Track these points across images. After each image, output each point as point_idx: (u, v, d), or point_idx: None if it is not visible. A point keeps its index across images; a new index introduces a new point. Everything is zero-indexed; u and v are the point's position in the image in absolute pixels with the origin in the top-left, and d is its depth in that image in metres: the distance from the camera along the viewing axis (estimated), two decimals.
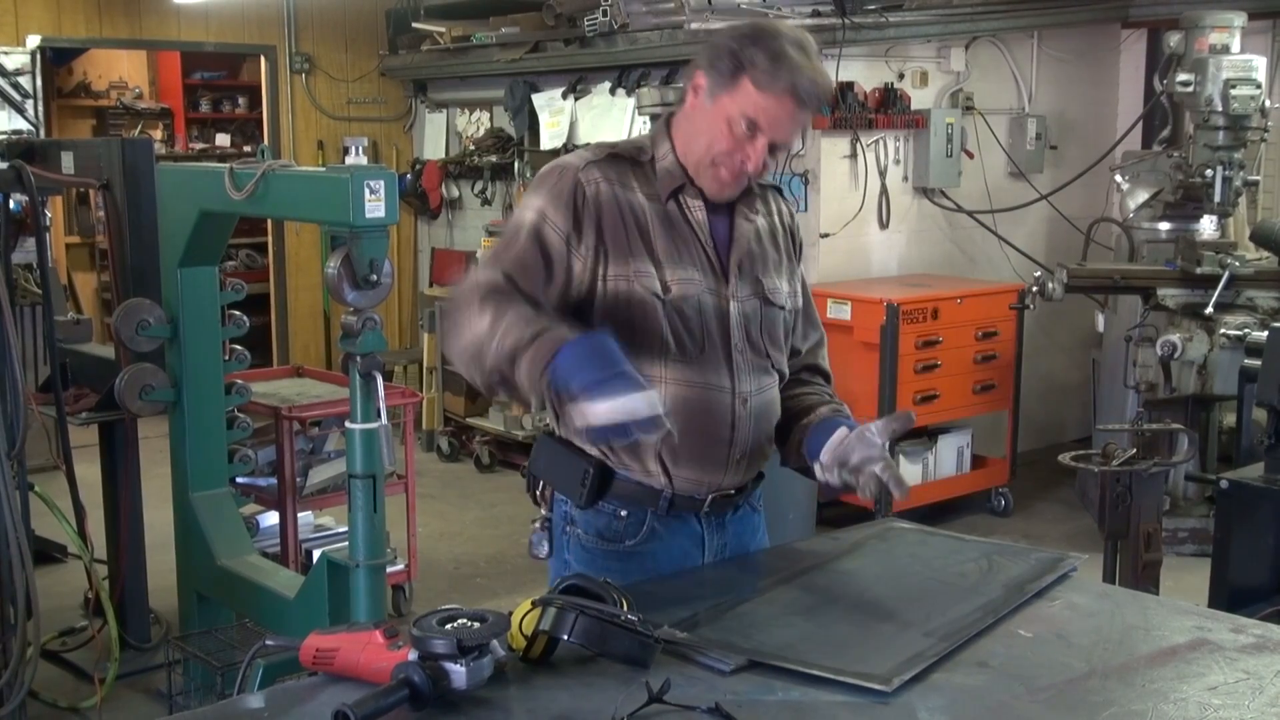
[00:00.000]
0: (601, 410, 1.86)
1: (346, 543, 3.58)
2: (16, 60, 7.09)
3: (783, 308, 2.28)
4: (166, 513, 4.32)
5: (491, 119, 8.24)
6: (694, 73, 2.17)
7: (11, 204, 4.41)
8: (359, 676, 1.68)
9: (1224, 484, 3.25)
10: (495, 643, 1.67)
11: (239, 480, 4.52)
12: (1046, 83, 7.19)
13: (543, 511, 2.32)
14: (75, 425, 4.45)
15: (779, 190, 2.39)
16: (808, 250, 2.47)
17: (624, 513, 2.23)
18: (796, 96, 2.07)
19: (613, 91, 7.16)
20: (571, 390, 1.88)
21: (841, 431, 2.15)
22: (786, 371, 2.34)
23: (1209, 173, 5.62)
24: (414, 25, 8.23)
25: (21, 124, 6.75)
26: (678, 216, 2.18)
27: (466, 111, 8.42)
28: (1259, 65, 5.64)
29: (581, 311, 2.14)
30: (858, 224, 6.47)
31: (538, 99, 7.60)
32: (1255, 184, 5.93)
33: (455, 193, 8.53)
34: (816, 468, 2.18)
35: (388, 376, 3.41)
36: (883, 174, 6.54)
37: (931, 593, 2.06)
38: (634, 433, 1.87)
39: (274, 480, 4.68)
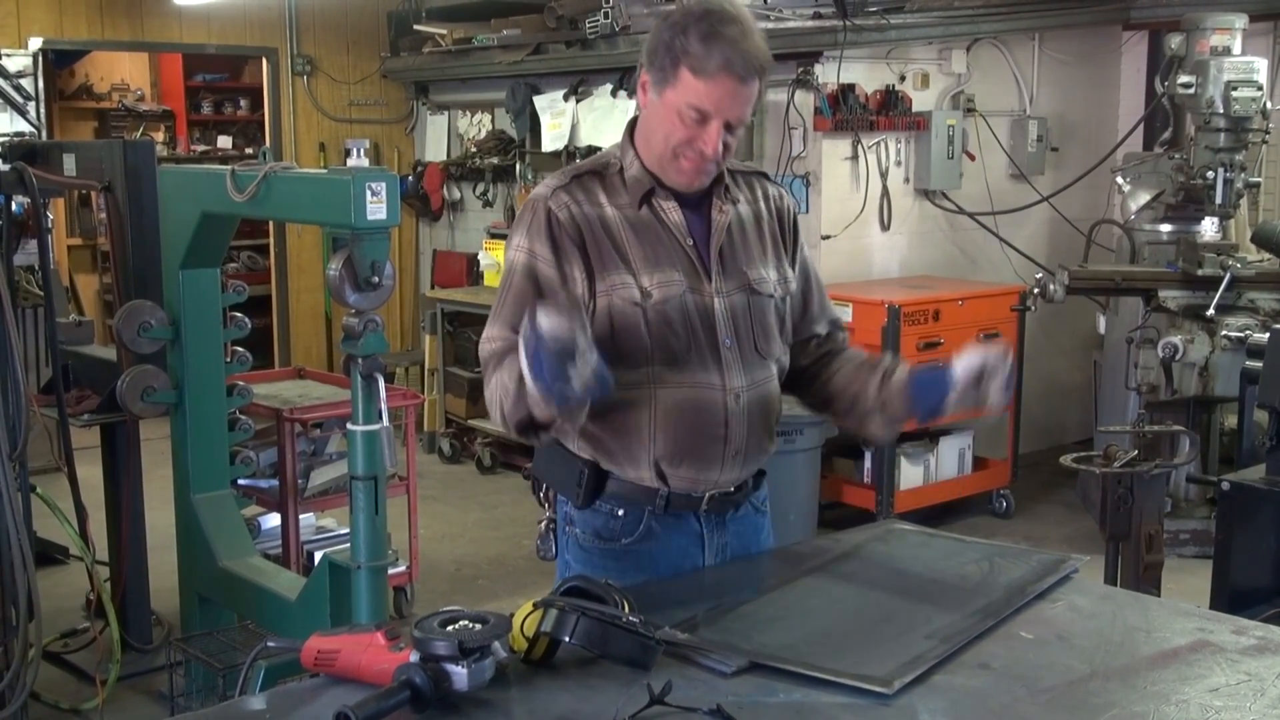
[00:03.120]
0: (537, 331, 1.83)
1: (348, 544, 3.58)
2: (18, 62, 7.10)
3: (771, 296, 2.27)
4: (168, 514, 4.32)
5: (493, 121, 8.24)
6: (640, 72, 2.19)
7: (14, 206, 4.41)
8: (360, 678, 1.68)
9: (1225, 486, 3.24)
10: (497, 644, 1.67)
11: (240, 482, 4.52)
12: (1048, 85, 7.19)
13: (547, 512, 2.34)
14: (77, 427, 4.45)
15: (764, 175, 2.38)
16: (810, 252, 2.46)
17: (621, 512, 2.23)
18: (734, 74, 2.08)
19: (614, 93, 7.16)
20: (545, 379, 1.85)
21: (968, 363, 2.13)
22: (786, 363, 2.34)
23: (1210, 175, 5.62)
24: (415, 27, 8.24)
25: (23, 126, 6.74)
26: (652, 220, 2.20)
27: (468, 113, 8.43)
28: (1260, 67, 5.64)
29: None
30: (859, 226, 6.47)
31: (539, 101, 7.61)
32: (1256, 186, 5.92)
33: (457, 195, 8.54)
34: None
35: (389, 378, 3.40)
36: (884, 176, 6.54)
37: (933, 594, 2.06)
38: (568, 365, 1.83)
39: (275, 482, 4.68)
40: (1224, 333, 5.32)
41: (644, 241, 2.18)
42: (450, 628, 1.65)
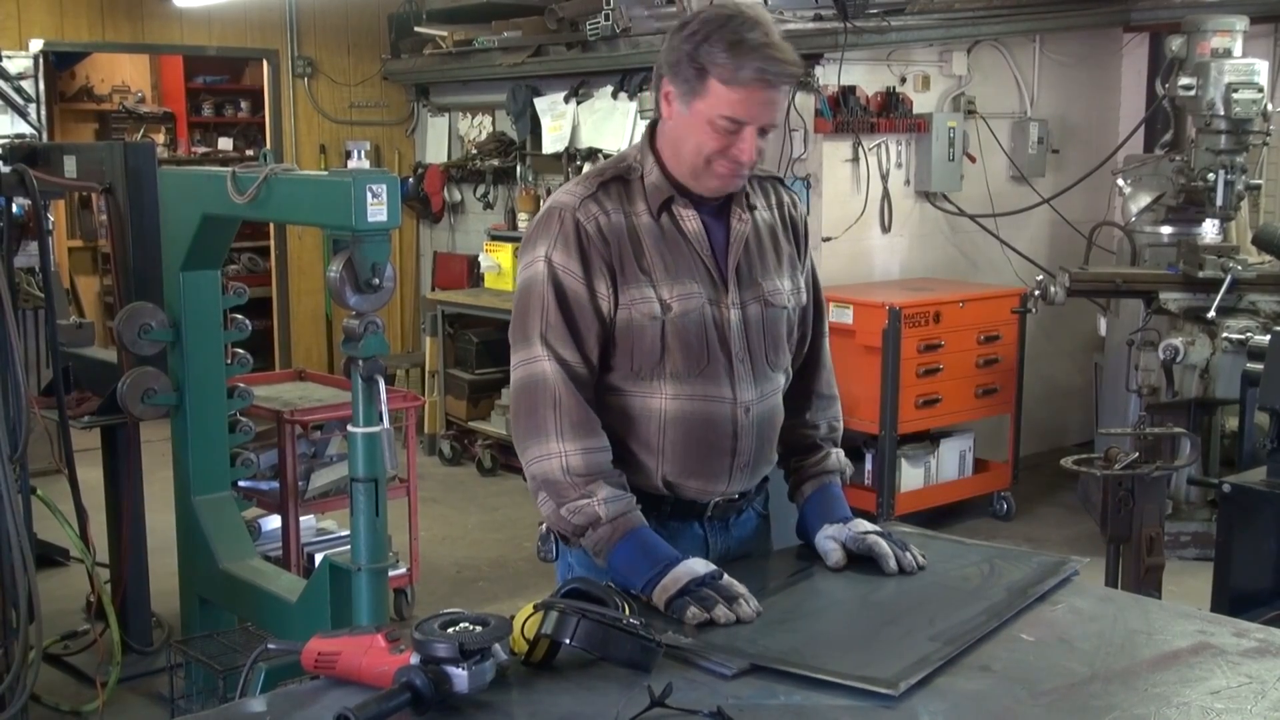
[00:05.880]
0: (662, 592, 1.97)
1: (348, 546, 3.58)
2: (19, 64, 7.09)
3: (784, 307, 2.27)
4: (168, 516, 4.32)
5: (494, 123, 8.24)
6: (660, 81, 2.14)
7: (14, 208, 4.41)
8: (361, 680, 1.68)
9: (1226, 488, 3.25)
10: (497, 646, 1.67)
11: (241, 484, 4.52)
12: (1048, 87, 7.19)
13: None
14: (77, 429, 4.44)
15: (779, 180, 2.36)
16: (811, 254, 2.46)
17: None
18: (765, 82, 2.05)
19: (615, 95, 7.17)
20: (636, 590, 2.00)
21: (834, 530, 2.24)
22: (791, 371, 2.35)
23: (1211, 177, 5.63)
24: (416, 29, 8.24)
25: (24, 128, 6.74)
26: (672, 229, 2.17)
27: (469, 115, 8.43)
28: (1261, 69, 5.64)
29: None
30: (860, 228, 6.48)
31: (540, 103, 7.61)
32: (1257, 188, 5.94)
33: (457, 196, 8.54)
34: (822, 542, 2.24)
35: (389, 380, 3.40)
36: (885, 178, 6.54)
37: (934, 597, 2.06)
38: (704, 587, 1.96)
39: (276, 484, 4.68)
40: (1225, 335, 5.32)
41: (665, 251, 2.15)
42: (451, 630, 1.65)
